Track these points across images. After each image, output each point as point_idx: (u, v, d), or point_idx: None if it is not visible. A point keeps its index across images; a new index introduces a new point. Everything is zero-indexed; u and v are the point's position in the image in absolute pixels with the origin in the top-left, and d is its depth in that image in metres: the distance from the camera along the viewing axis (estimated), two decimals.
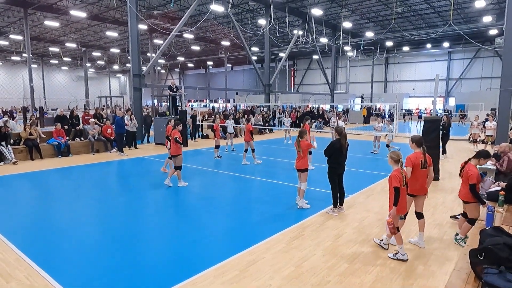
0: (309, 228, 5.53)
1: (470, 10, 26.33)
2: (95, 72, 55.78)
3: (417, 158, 4.63)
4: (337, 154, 6.08)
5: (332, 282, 3.91)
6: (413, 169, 4.60)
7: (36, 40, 34.70)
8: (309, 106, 30.04)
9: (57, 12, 24.64)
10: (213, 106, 42.75)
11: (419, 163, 4.61)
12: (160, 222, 5.97)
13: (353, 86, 43.05)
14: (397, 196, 4.23)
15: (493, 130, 13.27)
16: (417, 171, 4.62)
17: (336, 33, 30.12)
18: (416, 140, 4.74)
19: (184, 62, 50.93)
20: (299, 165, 6.38)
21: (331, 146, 6.11)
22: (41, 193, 7.99)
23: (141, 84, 16.59)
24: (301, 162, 6.36)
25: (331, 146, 6.10)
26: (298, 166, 6.40)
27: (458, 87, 38.59)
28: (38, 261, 4.38)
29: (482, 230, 3.30)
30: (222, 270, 4.15)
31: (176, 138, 7.75)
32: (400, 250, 4.39)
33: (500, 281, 2.45)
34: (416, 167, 4.61)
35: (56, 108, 27.60)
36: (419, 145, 4.72)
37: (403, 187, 4.31)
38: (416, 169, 4.61)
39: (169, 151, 8.46)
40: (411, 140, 4.81)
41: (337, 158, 6.08)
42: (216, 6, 19.87)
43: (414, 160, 4.61)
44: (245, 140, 11.12)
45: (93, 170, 10.46)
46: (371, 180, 8.73)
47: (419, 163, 4.61)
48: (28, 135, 11.81)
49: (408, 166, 4.60)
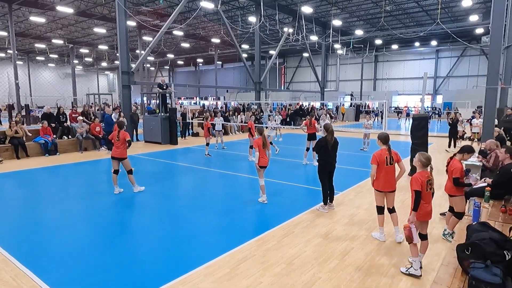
0: (299, 225, 5.56)
1: (457, 9, 26.73)
2: (83, 69, 54.85)
3: (382, 155, 4.79)
4: (324, 151, 6.10)
5: (323, 279, 3.93)
6: (378, 165, 4.78)
7: (22, 36, 33.92)
8: (299, 104, 30.10)
9: (43, 8, 24.11)
10: (203, 104, 42.54)
11: (384, 160, 4.76)
12: (150, 221, 5.92)
13: (343, 84, 43.32)
14: (417, 200, 3.82)
15: (480, 127, 13.52)
16: (383, 167, 4.78)
17: (326, 31, 30.23)
18: (382, 138, 4.91)
19: (173, 59, 50.48)
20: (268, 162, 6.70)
21: (318, 143, 6.24)
22: (27, 193, 7.83)
23: (130, 82, 16.38)
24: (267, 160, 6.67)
25: (318, 143, 6.22)
26: (267, 162, 6.71)
27: (446, 85, 39.21)
28: (25, 261, 4.30)
29: (469, 225, 3.36)
30: (213, 268, 4.14)
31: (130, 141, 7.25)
32: (413, 264, 3.99)
33: (486, 275, 2.49)
34: (382, 163, 4.77)
35: (42, 106, 27.09)
36: (384, 142, 4.88)
37: (427, 192, 3.90)
38: (381, 166, 4.78)
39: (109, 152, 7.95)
40: (378, 137, 4.96)
41: (324, 155, 6.11)
42: (206, 3, 19.72)
43: (379, 157, 4.78)
44: (248, 137, 11.56)
45: (81, 168, 10.30)
46: (361, 177, 8.80)
47: (384, 160, 4.76)
48: (13, 133, 11.56)
49: (373, 163, 4.81)
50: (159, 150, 13.62)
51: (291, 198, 7.15)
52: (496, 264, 2.58)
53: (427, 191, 3.90)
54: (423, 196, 3.86)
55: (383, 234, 5.01)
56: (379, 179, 4.82)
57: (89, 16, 27.20)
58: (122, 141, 7.16)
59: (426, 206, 3.92)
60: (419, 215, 3.88)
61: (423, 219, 3.99)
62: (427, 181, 3.88)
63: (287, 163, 11.02)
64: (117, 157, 7.22)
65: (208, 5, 20.33)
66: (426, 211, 3.94)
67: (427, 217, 4.01)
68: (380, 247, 4.75)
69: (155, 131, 15.36)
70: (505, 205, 4.19)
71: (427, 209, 3.96)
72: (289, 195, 7.40)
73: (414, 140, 9.02)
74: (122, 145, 7.18)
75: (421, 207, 3.87)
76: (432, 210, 4.04)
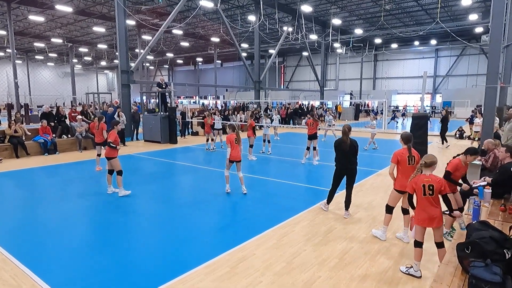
0: (299, 224, 5.56)
1: (457, 8, 26.72)
2: (82, 68, 54.74)
3: (403, 154, 4.75)
4: (340, 154, 5.76)
5: (323, 278, 3.94)
6: (399, 164, 4.75)
7: (21, 35, 33.83)
8: (299, 103, 30.08)
9: (42, 7, 24.05)
10: (203, 103, 42.52)
11: (405, 159, 4.72)
12: (150, 220, 5.92)
13: (342, 83, 43.30)
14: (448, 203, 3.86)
15: (481, 126, 13.53)
16: (404, 167, 4.73)
17: (325, 30, 30.21)
18: (404, 137, 4.91)
19: (173, 58, 50.41)
20: (239, 156, 7.06)
21: (334, 143, 5.90)
22: (27, 192, 7.82)
23: (130, 81, 16.37)
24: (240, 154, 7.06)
25: (334, 143, 5.89)
26: (239, 157, 7.06)
27: (445, 84, 39.21)
28: (25, 261, 4.29)
29: (468, 224, 3.37)
30: (213, 268, 4.14)
31: (110, 143, 6.99)
32: (414, 266, 3.98)
33: (487, 274, 2.50)
34: (403, 162, 4.73)
35: (42, 105, 27.03)
36: (406, 141, 4.86)
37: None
38: (403, 165, 4.74)
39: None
40: (400, 137, 4.98)
41: (341, 158, 5.78)
42: (205, 1, 19.70)
43: (400, 156, 4.75)
44: (248, 136, 11.53)
45: (81, 168, 10.29)
46: (361, 176, 8.78)
47: (406, 159, 4.72)
48: (13, 132, 11.54)
49: (393, 161, 4.80)
50: (158, 149, 13.62)
51: (291, 197, 7.15)
52: (496, 263, 2.59)
53: (425, 196, 3.77)
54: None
55: (385, 233, 4.98)
56: (398, 178, 4.79)
57: (88, 15, 27.13)
58: (100, 131, 7.14)
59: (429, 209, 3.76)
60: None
61: (430, 225, 3.80)
62: (423, 186, 3.83)
63: (286, 162, 11.02)
64: (105, 156, 7.22)
65: (208, 4, 20.30)
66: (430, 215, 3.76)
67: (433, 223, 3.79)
68: (380, 247, 4.75)
69: (154, 130, 15.35)
70: (504, 204, 4.19)
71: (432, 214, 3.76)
72: (288, 194, 7.40)
73: (413, 139, 9.02)
74: (101, 136, 7.13)
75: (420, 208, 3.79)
76: (439, 216, 3.79)
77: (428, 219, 3.77)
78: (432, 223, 3.78)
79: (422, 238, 3.89)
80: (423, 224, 3.82)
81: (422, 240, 3.89)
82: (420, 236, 3.89)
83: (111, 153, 7.09)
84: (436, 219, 3.76)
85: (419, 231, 3.89)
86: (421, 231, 3.89)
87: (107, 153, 7.13)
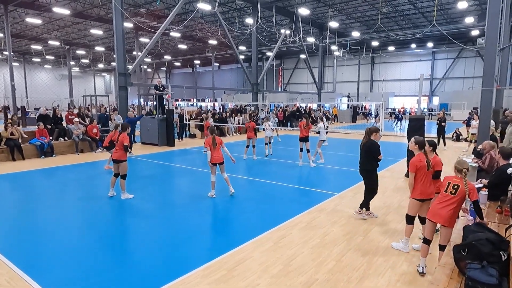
0: (297, 226, 5.55)
1: (453, 11, 26.92)
2: (80, 71, 54.63)
3: (421, 160, 4.34)
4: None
5: (320, 280, 3.93)
6: (418, 172, 4.33)
7: (18, 37, 33.76)
8: (296, 105, 30.13)
9: (39, 9, 24.00)
10: (200, 106, 42.50)
11: (424, 165, 4.31)
12: (147, 222, 5.89)
13: (340, 85, 43.41)
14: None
15: (477, 128, 13.62)
16: (424, 173, 4.33)
17: (323, 32, 30.31)
18: (419, 142, 4.46)
19: (171, 61, 50.41)
20: (220, 158, 7.07)
21: None
22: (23, 195, 7.77)
23: (127, 83, 16.33)
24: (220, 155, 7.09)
25: None
26: (219, 159, 7.06)
27: (442, 87, 39.42)
28: (20, 264, 4.26)
29: (465, 226, 3.38)
30: (210, 270, 4.13)
31: (126, 146, 7.09)
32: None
33: (483, 275, 2.51)
34: (423, 168, 4.31)
35: (38, 107, 26.95)
36: (421, 147, 4.45)
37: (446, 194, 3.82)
38: (422, 172, 4.32)
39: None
40: (415, 143, 4.49)
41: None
42: (203, 4, 19.72)
43: (419, 163, 4.32)
44: (248, 137, 11.76)
45: (78, 170, 10.25)
46: (359, 178, 8.78)
47: (425, 165, 4.31)
48: (9, 134, 11.49)
49: (412, 171, 4.37)
50: (156, 152, 13.59)
51: (288, 199, 7.15)
52: (492, 264, 2.60)
53: (446, 192, 3.78)
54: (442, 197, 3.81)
55: (407, 245, 4.60)
56: (417, 187, 4.34)
57: (86, 18, 27.12)
58: (120, 144, 7.14)
59: (439, 206, 3.79)
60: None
61: (437, 220, 3.84)
62: (449, 183, 3.79)
63: (284, 164, 11.02)
64: (115, 159, 7.17)
65: (205, 7, 20.34)
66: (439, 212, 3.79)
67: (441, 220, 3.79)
68: (377, 249, 4.76)
69: (152, 133, 15.32)
70: (501, 206, 4.21)
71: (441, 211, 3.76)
72: (285, 196, 7.41)
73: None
74: (120, 147, 7.16)
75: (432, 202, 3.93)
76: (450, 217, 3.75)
77: (435, 213, 3.81)
78: (439, 219, 3.78)
79: (431, 236, 3.97)
80: (431, 216, 3.86)
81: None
82: (430, 233, 3.96)
83: (123, 156, 7.14)
84: (443, 217, 3.74)
85: (430, 227, 3.96)
86: (431, 228, 3.95)
87: (120, 156, 7.13)
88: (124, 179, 7.17)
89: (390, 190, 7.79)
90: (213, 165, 7.09)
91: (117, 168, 7.16)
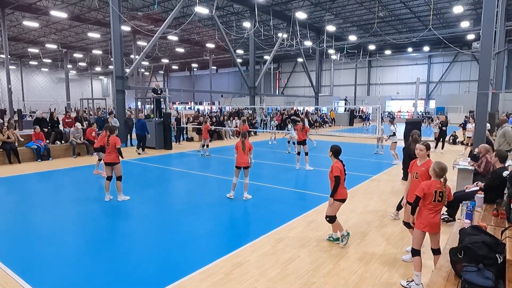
0: (294, 230, 5.55)
1: (449, 16, 27.16)
2: (77, 74, 54.53)
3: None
4: None
5: (317, 283, 3.93)
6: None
7: (15, 40, 33.72)
8: (293, 109, 30.19)
9: (36, 12, 24.00)
10: (198, 109, 42.51)
11: (432, 193, 3.70)
12: (144, 226, 5.87)
13: (337, 89, 43.62)
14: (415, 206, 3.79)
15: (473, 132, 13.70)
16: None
17: (320, 36, 30.48)
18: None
19: (168, 64, 50.45)
20: (245, 162, 7.13)
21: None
22: (19, 199, 7.71)
23: (124, 86, 16.33)
24: (246, 160, 7.15)
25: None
26: (244, 163, 7.13)
27: (438, 90, 39.68)
28: (16, 268, 4.23)
29: (461, 229, 3.39)
30: (207, 274, 4.12)
31: (119, 148, 7.04)
32: (415, 278, 3.79)
33: (479, 278, 2.52)
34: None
35: (35, 110, 26.86)
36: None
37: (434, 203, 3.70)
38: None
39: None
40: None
41: None
42: (200, 8, 19.80)
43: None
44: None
45: (75, 174, 10.20)
46: (355, 181, 8.83)
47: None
48: (5, 138, 11.43)
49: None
50: (153, 155, 13.56)
51: (285, 203, 7.15)
52: (488, 267, 2.61)
53: (434, 202, 3.67)
54: (427, 205, 3.70)
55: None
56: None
57: (83, 21, 27.13)
58: (112, 146, 7.06)
59: (431, 216, 3.69)
60: (422, 224, 3.70)
61: (431, 231, 3.74)
62: (435, 191, 3.65)
63: (281, 167, 11.02)
64: (109, 162, 7.11)
65: (203, 11, 20.42)
66: (431, 222, 3.69)
67: (434, 229, 3.73)
68: (374, 252, 4.76)
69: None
70: (497, 209, 4.23)
71: (433, 220, 3.70)
72: (283, 199, 7.40)
73: (406, 145, 9.09)
74: (113, 150, 7.08)
75: (426, 217, 3.69)
76: (440, 222, 3.78)
77: (430, 225, 3.72)
78: (433, 229, 3.75)
79: (420, 245, 3.82)
80: (425, 228, 3.75)
81: (420, 247, 3.81)
82: (419, 243, 3.80)
83: (117, 159, 7.08)
84: (436, 225, 3.74)
85: (419, 237, 3.79)
86: (421, 238, 3.81)
87: (113, 158, 7.05)
88: (120, 180, 7.15)
89: (387, 193, 7.82)
90: (238, 169, 7.20)
91: (111, 171, 7.10)
